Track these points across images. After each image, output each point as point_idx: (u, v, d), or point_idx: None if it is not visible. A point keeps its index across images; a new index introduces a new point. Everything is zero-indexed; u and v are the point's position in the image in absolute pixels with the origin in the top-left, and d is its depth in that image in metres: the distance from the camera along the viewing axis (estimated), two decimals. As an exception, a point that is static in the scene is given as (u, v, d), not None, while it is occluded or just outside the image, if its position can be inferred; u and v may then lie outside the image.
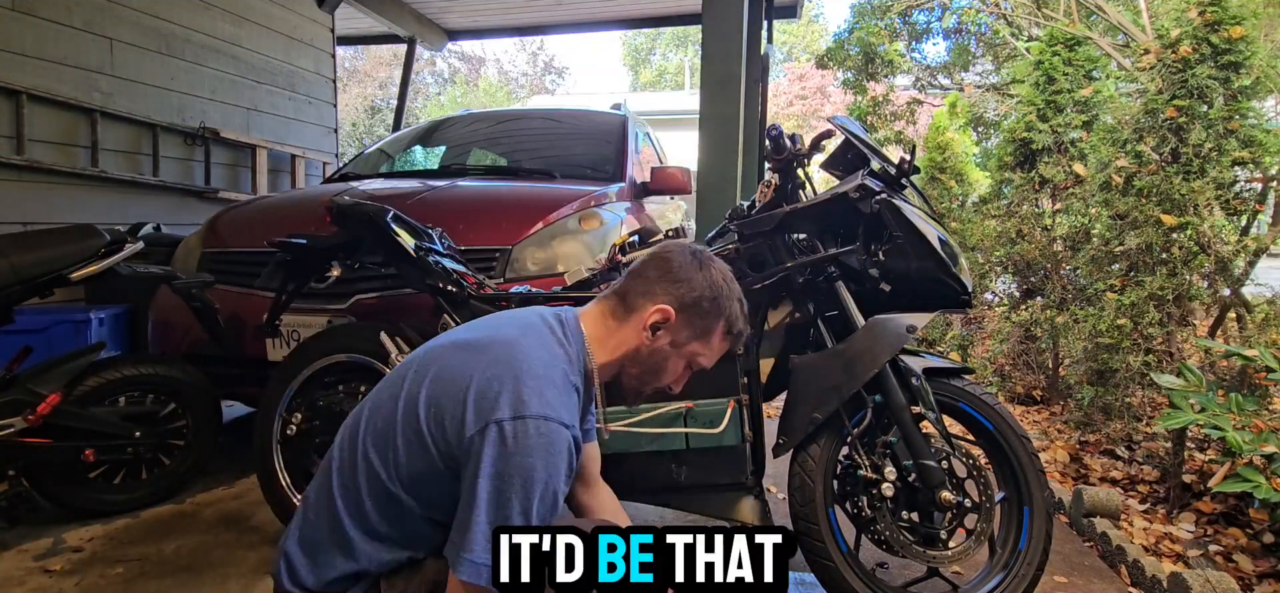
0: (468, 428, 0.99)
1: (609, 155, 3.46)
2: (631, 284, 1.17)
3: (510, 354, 1.05)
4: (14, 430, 2.08)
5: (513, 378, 1.01)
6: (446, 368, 1.06)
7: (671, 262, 1.17)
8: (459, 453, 1.01)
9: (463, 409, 1.00)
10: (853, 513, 1.73)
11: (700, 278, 1.16)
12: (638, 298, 1.15)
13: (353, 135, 18.26)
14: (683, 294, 1.15)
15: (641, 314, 1.15)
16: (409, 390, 1.07)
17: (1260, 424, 2.11)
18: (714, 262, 1.21)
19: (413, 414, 1.04)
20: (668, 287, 1.15)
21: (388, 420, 1.07)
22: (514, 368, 1.02)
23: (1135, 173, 2.94)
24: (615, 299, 1.18)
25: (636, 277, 1.17)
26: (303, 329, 2.40)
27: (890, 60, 6.46)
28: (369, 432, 1.09)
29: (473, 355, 1.06)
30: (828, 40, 19.03)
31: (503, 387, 1.00)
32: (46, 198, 3.66)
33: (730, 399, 1.68)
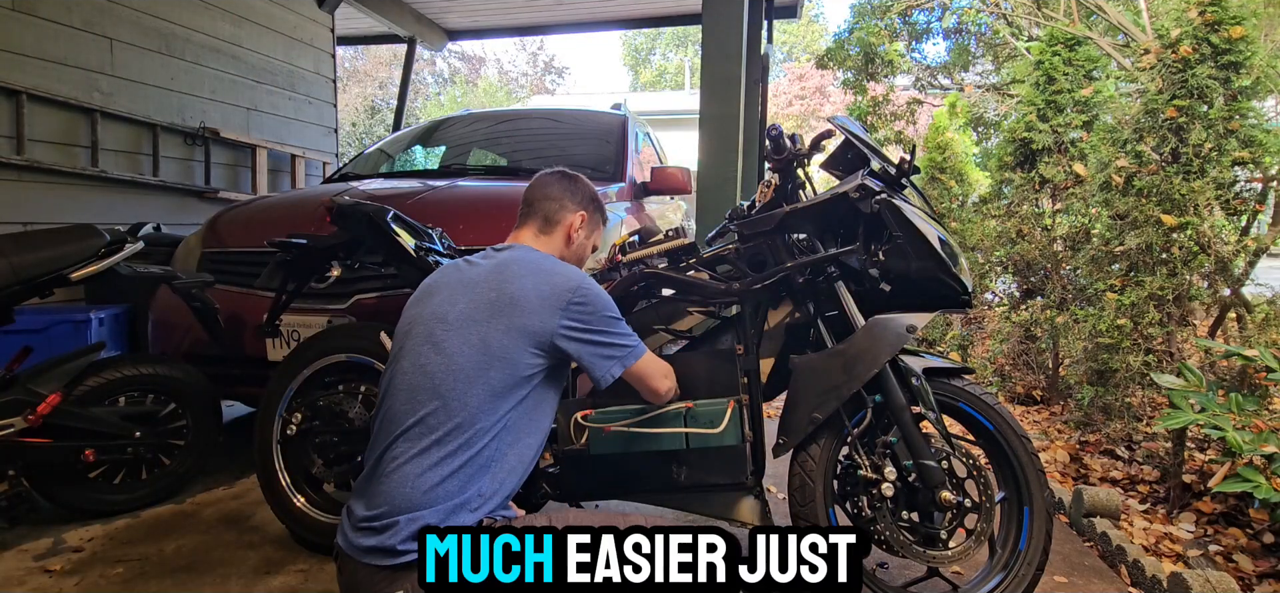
0: (551, 321, 1.34)
1: (609, 155, 3.46)
2: (544, 207, 1.55)
3: (537, 267, 1.42)
4: (14, 431, 2.08)
5: (558, 274, 1.41)
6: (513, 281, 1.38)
7: (563, 183, 1.58)
8: (546, 342, 1.35)
9: (539, 314, 1.34)
10: (853, 513, 1.73)
11: (585, 186, 1.61)
12: (556, 214, 1.55)
13: (353, 135, 18.25)
14: (583, 199, 1.59)
15: (565, 224, 1.56)
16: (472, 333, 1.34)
17: (1260, 424, 2.11)
18: (577, 175, 1.63)
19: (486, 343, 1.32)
20: (573, 198, 1.57)
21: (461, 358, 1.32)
22: (552, 266, 1.43)
23: (1135, 173, 2.94)
24: (537, 222, 1.55)
25: (543, 199, 1.55)
26: (303, 329, 2.40)
27: (890, 60, 6.46)
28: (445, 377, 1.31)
29: (518, 280, 1.39)
30: (828, 40, 19.04)
31: (558, 281, 1.38)
32: (46, 198, 3.67)
33: (730, 399, 1.67)
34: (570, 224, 1.56)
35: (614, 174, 3.29)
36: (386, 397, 1.36)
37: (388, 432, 1.31)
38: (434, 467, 1.24)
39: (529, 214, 1.55)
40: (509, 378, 1.31)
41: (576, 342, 1.37)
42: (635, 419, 1.65)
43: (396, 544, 1.21)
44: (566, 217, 1.55)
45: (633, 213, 3.05)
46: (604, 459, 1.69)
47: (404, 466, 1.25)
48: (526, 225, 1.55)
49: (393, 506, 1.23)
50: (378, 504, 1.25)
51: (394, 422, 1.31)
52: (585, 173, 3.22)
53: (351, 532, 1.28)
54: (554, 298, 1.35)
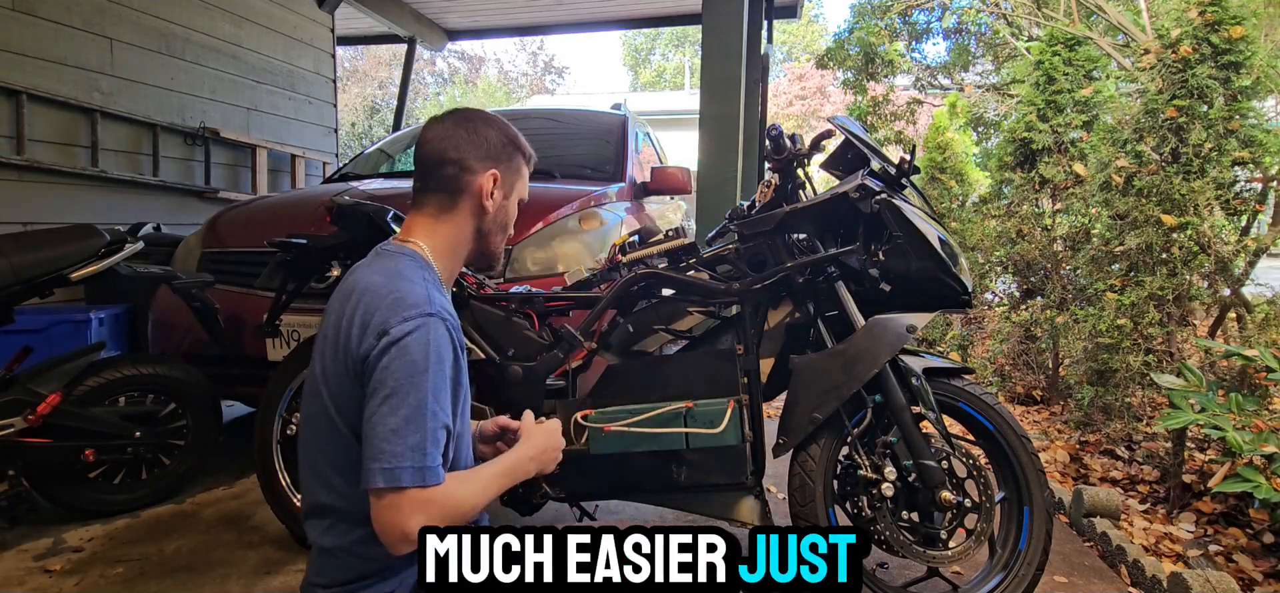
0: (360, 375, 1.03)
1: (609, 155, 3.46)
2: (441, 174, 1.16)
3: (361, 292, 1.08)
4: (14, 431, 2.08)
5: (369, 309, 1.05)
6: (331, 335, 1.09)
7: (460, 136, 1.18)
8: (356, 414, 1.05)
9: (349, 360, 1.05)
10: (853, 513, 1.73)
11: (490, 131, 1.20)
12: (460, 181, 1.17)
13: (353, 135, 18.26)
14: (490, 152, 1.19)
15: (473, 191, 1.17)
16: (313, 394, 1.11)
17: (1260, 424, 2.11)
18: (485, 115, 1.23)
19: (325, 404, 1.08)
20: (476, 156, 1.17)
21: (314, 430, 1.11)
22: (366, 301, 1.06)
23: (1135, 173, 2.94)
24: (435, 199, 1.17)
25: (441, 164, 1.16)
26: (303, 329, 2.40)
27: (890, 60, 6.46)
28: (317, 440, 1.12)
29: (334, 318, 1.10)
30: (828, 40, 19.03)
31: (368, 319, 1.04)
32: (46, 198, 3.66)
33: (730, 399, 1.67)
34: (480, 189, 1.18)
35: (614, 174, 3.29)
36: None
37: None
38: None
39: (421, 191, 1.19)
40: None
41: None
42: (635, 419, 1.65)
43: None
44: (472, 181, 1.17)
45: (633, 213, 3.05)
46: (604, 459, 1.69)
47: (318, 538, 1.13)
48: (422, 209, 1.19)
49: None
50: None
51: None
52: (585, 173, 3.27)
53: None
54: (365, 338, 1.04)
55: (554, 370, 1.80)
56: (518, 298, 1.89)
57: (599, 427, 1.66)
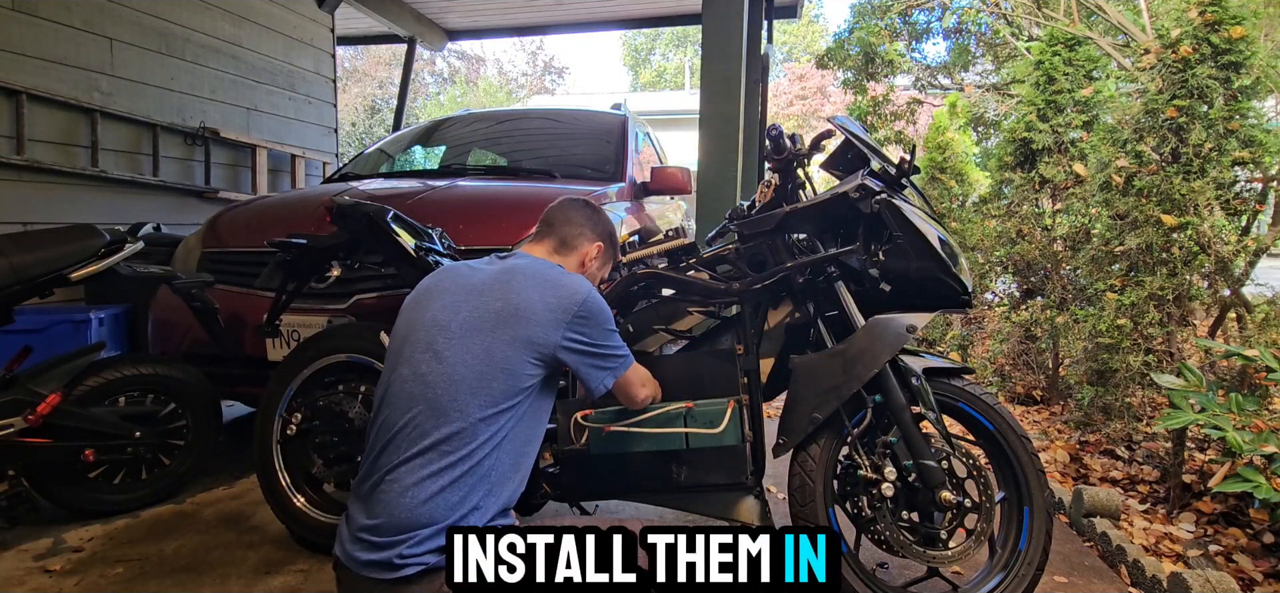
0: (554, 335, 1.34)
1: (609, 155, 3.46)
2: (564, 230, 1.55)
3: (540, 276, 1.42)
4: (14, 430, 2.08)
5: (560, 285, 1.41)
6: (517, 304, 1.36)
7: (587, 212, 1.59)
8: (548, 353, 1.35)
9: (543, 326, 1.34)
10: (853, 513, 1.73)
11: (606, 221, 1.61)
12: (575, 239, 1.55)
13: (353, 135, 18.26)
14: (603, 233, 1.60)
15: (581, 251, 1.56)
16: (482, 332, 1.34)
17: (1260, 424, 2.10)
18: (603, 211, 1.63)
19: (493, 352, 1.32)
20: (593, 229, 1.58)
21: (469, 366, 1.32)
22: (555, 275, 1.43)
23: (1135, 173, 2.94)
24: (554, 241, 1.55)
25: (565, 223, 1.56)
26: (303, 329, 2.40)
27: (890, 60, 6.46)
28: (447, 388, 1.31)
29: (526, 288, 1.38)
30: (828, 40, 19.03)
31: (561, 292, 1.39)
32: (46, 198, 3.66)
33: (730, 399, 1.68)
34: (586, 253, 1.56)
35: (614, 174, 3.29)
36: (384, 404, 1.34)
37: (385, 441, 1.29)
38: (432, 477, 1.23)
39: (546, 233, 1.56)
40: (509, 388, 1.30)
41: (576, 354, 1.38)
42: (635, 419, 1.65)
43: (395, 557, 1.20)
44: (584, 245, 1.56)
45: (633, 213, 3.05)
46: (604, 459, 1.69)
47: (402, 477, 1.24)
48: (542, 242, 1.55)
49: (392, 517, 1.22)
50: (376, 515, 1.24)
51: (392, 431, 1.29)
52: (585, 173, 3.27)
53: (350, 544, 1.26)
54: (560, 311, 1.35)
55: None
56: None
57: (599, 427, 1.66)
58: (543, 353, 1.33)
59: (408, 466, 1.24)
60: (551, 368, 1.37)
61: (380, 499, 1.24)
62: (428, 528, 1.21)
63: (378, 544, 1.22)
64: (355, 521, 1.28)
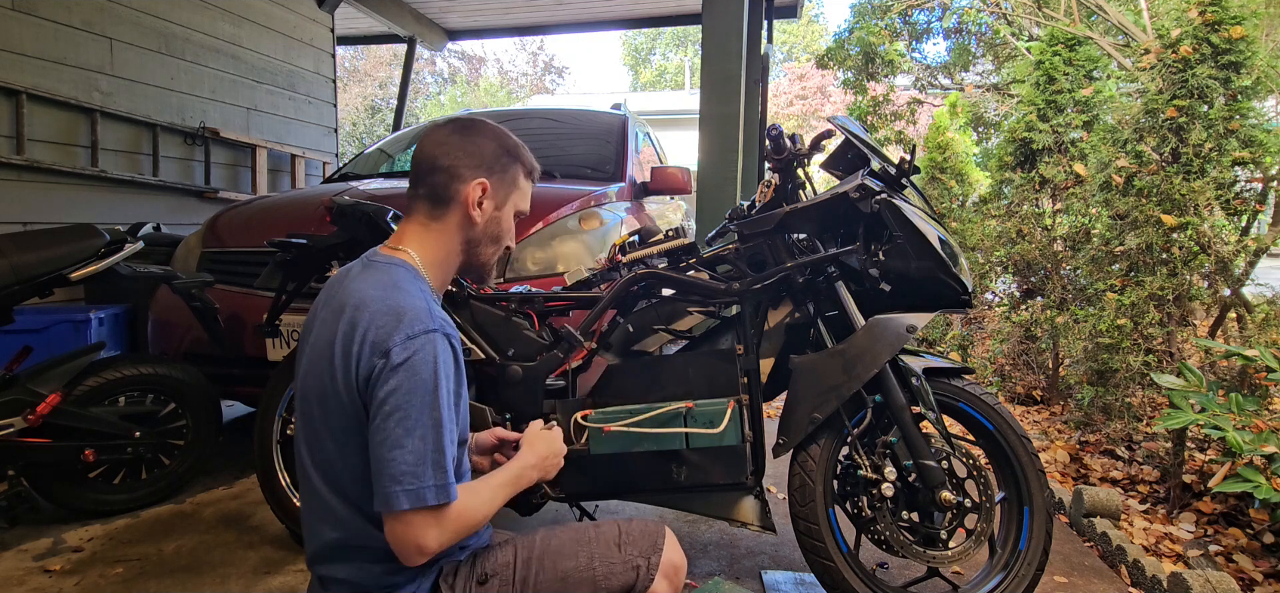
0: (359, 391, 1.01)
1: (609, 155, 3.46)
2: (432, 182, 1.14)
3: (352, 306, 1.05)
4: (14, 430, 2.08)
5: (366, 324, 1.02)
6: (320, 352, 1.06)
7: (452, 143, 1.15)
8: (365, 417, 1.02)
9: (350, 377, 1.02)
10: (853, 513, 1.73)
11: (485, 141, 1.18)
12: (448, 189, 1.14)
13: (353, 135, 18.26)
14: (482, 160, 1.16)
15: (461, 198, 1.14)
16: (307, 410, 1.09)
17: (1260, 424, 2.10)
18: (482, 124, 1.20)
19: (323, 420, 1.06)
20: (467, 163, 1.15)
21: (313, 443, 1.09)
22: (360, 315, 1.03)
23: (1135, 173, 2.94)
24: (425, 204, 1.15)
25: (432, 172, 1.14)
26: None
27: (890, 60, 6.45)
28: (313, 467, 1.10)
29: (326, 330, 1.07)
30: (828, 40, 19.04)
31: (365, 334, 1.01)
32: (46, 198, 3.67)
33: (730, 399, 1.67)
34: (468, 198, 1.15)
35: (614, 174, 3.29)
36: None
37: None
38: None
39: (414, 194, 1.16)
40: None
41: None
42: (635, 419, 1.65)
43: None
44: (460, 188, 1.14)
45: (633, 213, 3.05)
46: (604, 459, 1.69)
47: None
48: (413, 213, 1.16)
49: None
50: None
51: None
52: (585, 173, 3.27)
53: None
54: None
55: (554, 370, 1.80)
56: (517, 298, 1.89)
57: (599, 427, 1.66)
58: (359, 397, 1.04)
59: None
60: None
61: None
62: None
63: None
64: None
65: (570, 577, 1.12)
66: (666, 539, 1.18)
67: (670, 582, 1.16)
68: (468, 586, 1.10)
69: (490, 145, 1.18)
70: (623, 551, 1.15)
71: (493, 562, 1.12)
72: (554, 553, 1.14)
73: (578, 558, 1.13)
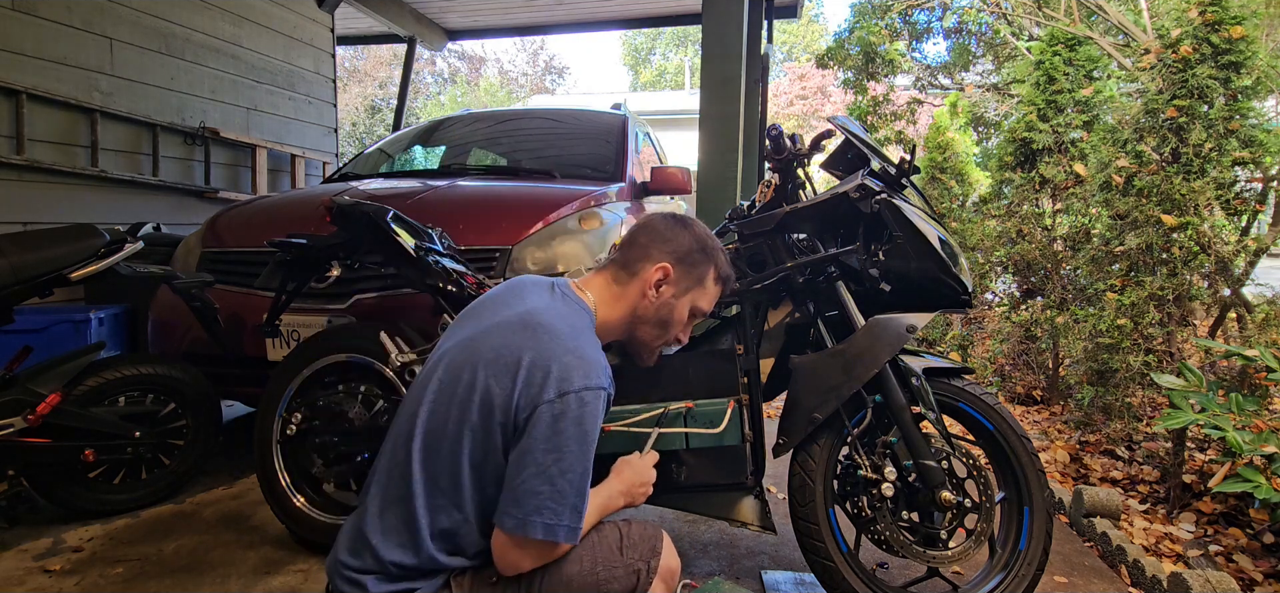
0: (519, 409, 1.07)
1: (609, 155, 3.46)
2: (628, 253, 1.30)
3: (546, 329, 1.13)
4: (14, 430, 2.08)
5: (554, 355, 1.09)
6: (492, 351, 1.12)
7: (658, 227, 1.32)
8: (511, 431, 1.09)
9: (512, 389, 1.08)
10: (853, 513, 1.73)
11: (686, 235, 1.34)
12: (637, 263, 1.29)
13: (353, 135, 18.26)
14: (675, 249, 1.31)
15: (644, 275, 1.29)
16: (454, 390, 1.12)
17: (1260, 424, 2.10)
18: (693, 222, 1.37)
19: (470, 413, 1.10)
20: (661, 246, 1.31)
21: (440, 425, 1.11)
22: (552, 345, 1.11)
23: (1135, 173, 2.94)
24: (616, 267, 1.30)
25: (630, 245, 1.31)
26: (303, 329, 2.40)
27: (891, 60, 6.45)
28: (421, 442, 1.13)
29: (512, 335, 1.13)
30: (828, 40, 19.04)
31: (550, 364, 1.08)
32: (46, 198, 3.67)
33: (730, 399, 1.67)
34: (647, 277, 1.29)
35: (614, 174, 3.29)
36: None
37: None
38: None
39: (614, 257, 1.34)
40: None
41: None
42: (635, 419, 1.65)
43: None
44: (646, 266, 1.29)
45: (633, 213, 3.05)
46: (604, 459, 1.69)
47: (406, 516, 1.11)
48: (605, 269, 1.33)
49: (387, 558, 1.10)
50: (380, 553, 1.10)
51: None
52: (585, 173, 3.27)
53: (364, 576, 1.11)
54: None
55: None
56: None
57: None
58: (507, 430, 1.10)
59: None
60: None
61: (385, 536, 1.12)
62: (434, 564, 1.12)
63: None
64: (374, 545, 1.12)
65: (574, 582, 1.14)
66: (664, 543, 1.23)
67: (666, 585, 1.21)
68: (475, 587, 1.13)
69: (688, 240, 1.33)
70: (624, 555, 1.19)
71: None
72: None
73: (582, 563, 1.15)
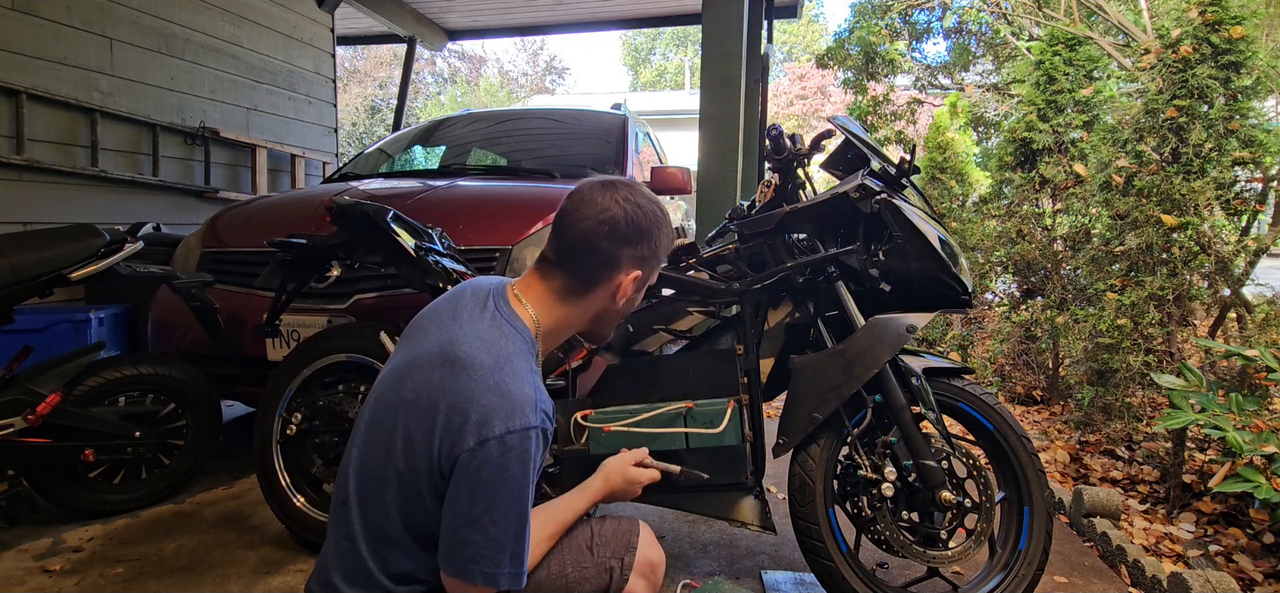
0: (442, 457, 0.97)
1: (609, 155, 3.46)
2: (584, 261, 1.08)
3: (464, 366, 0.99)
4: (14, 430, 2.08)
5: (472, 398, 0.97)
6: (412, 392, 1.01)
7: (620, 227, 1.08)
8: (439, 478, 0.99)
9: (432, 436, 0.97)
10: (853, 513, 1.73)
11: (657, 234, 1.14)
12: (601, 272, 1.09)
13: (353, 135, 18.26)
14: (639, 254, 1.11)
15: (610, 286, 1.11)
16: (380, 433, 1.03)
17: (1260, 424, 2.10)
18: (648, 205, 1.13)
19: (394, 457, 1.01)
20: (630, 252, 1.10)
21: (373, 466, 1.03)
22: (470, 385, 0.97)
23: (1135, 173, 2.94)
24: (564, 280, 1.10)
25: (590, 251, 1.08)
26: (303, 329, 2.40)
27: (891, 60, 6.45)
28: (355, 485, 1.05)
29: (432, 373, 1.01)
30: (828, 40, 19.04)
31: (468, 410, 0.96)
32: (46, 198, 3.67)
33: (730, 399, 1.67)
34: (618, 287, 1.12)
35: (614, 174, 3.29)
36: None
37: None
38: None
39: (558, 262, 1.11)
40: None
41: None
42: (635, 419, 1.65)
43: None
44: (613, 276, 1.11)
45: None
46: (604, 459, 1.69)
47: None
48: (549, 279, 1.12)
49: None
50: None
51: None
52: (585, 173, 3.27)
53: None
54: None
55: (554, 371, 1.80)
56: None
57: (599, 427, 1.66)
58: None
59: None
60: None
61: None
62: None
63: None
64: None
65: (543, 586, 1.09)
66: (641, 536, 1.16)
67: (647, 581, 1.14)
68: None
69: (663, 240, 1.15)
70: (595, 553, 1.14)
71: None
72: None
73: (549, 568, 1.11)
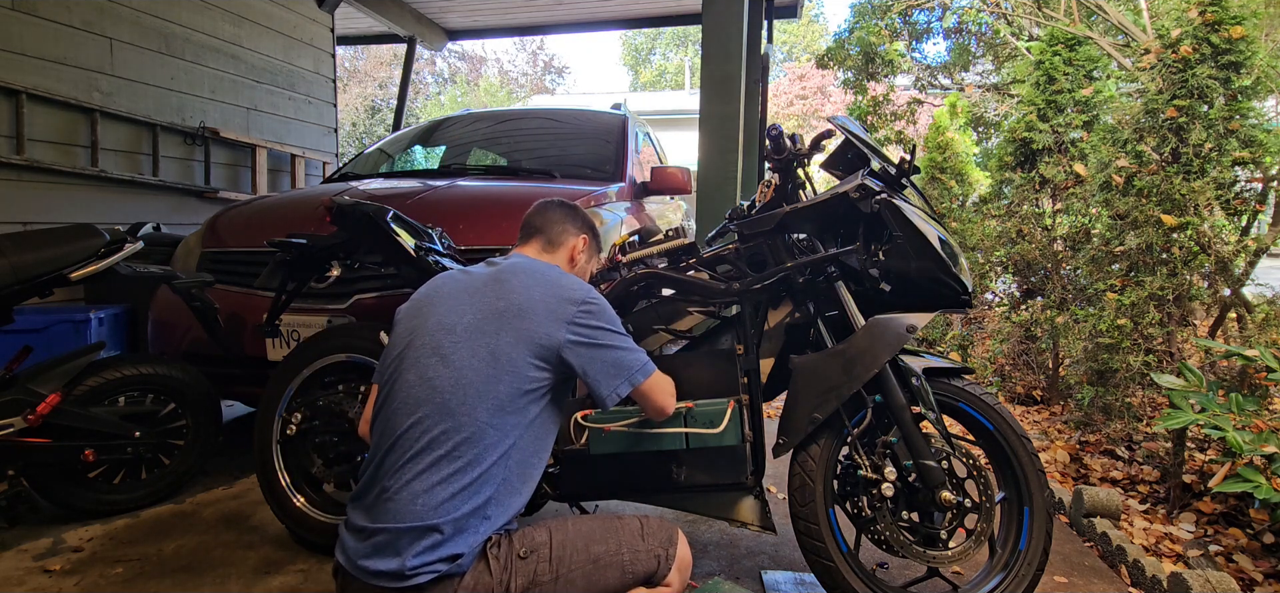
0: (552, 335, 1.30)
1: (609, 155, 3.46)
2: (548, 231, 1.57)
3: (539, 275, 1.39)
4: (14, 430, 2.08)
5: (558, 286, 1.37)
6: (507, 304, 1.33)
7: (563, 208, 1.61)
8: (553, 359, 1.31)
9: (541, 326, 1.30)
10: (853, 513, 1.73)
11: (582, 214, 1.64)
12: (561, 236, 1.57)
13: (353, 135, 18.26)
14: (584, 223, 1.63)
15: (568, 247, 1.58)
16: (474, 347, 1.29)
17: (1260, 424, 2.10)
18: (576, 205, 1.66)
19: (502, 350, 1.29)
20: (577, 224, 1.61)
21: (457, 383, 1.26)
22: (555, 279, 1.39)
23: (1135, 173, 2.94)
24: (541, 241, 1.57)
25: (547, 223, 1.58)
26: (303, 329, 2.40)
27: (890, 60, 6.45)
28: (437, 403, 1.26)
29: (518, 285, 1.36)
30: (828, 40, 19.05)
31: (557, 293, 1.35)
32: (46, 198, 3.67)
33: (730, 399, 1.67)
34: (573, 247, 1.58)
35: (614, 174, 3.29)
36: (387, 409, 1.30)
37: (388, 445, 1.25)
38: (442, 483, 1.19)
39: (530, 236, 1.58)
40: (515, 390, 1.27)
41: (582, 351, 1.32)
42: (635, 419, 1.65)
43: (406, 566, 1.16)
44: (570, 239, 1.58)
45: (633, 213, 3.05)
46: (604, 459, 1.69)
47: (411, 483, 1.20)
48: (528, 244, 1.57)
49: (401, 524, 1.18)
50: (384, 521, 1.20)
51: (395, 436, 1.25)
52: (585, 173, 3.27)
53: (356, 552, 1.21)
54: (561, 306, 1.32)
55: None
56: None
57: (599, 427, 1.66)
58: (546, 352, 1.29)
59: (416, 471, 1.20)
60: (558, 372, 1.32)
61: (388, 506, 1.20)
62: (438, 534, 1.17)
63: (387, 551, 1.18)
64: (358, 528, 1.23)
65: (601, 559, 1.28)
66: (679, 536, 1.37)
67: (681, 576, 1.35)
68: (509, 558, 1.24)
69: (588, 219, 1.65)
70: (646, 541, 1.32)
71: (531, 540, 1.27)
72: (586, 536, 1.29)
73: (608, 543, 1.30)
